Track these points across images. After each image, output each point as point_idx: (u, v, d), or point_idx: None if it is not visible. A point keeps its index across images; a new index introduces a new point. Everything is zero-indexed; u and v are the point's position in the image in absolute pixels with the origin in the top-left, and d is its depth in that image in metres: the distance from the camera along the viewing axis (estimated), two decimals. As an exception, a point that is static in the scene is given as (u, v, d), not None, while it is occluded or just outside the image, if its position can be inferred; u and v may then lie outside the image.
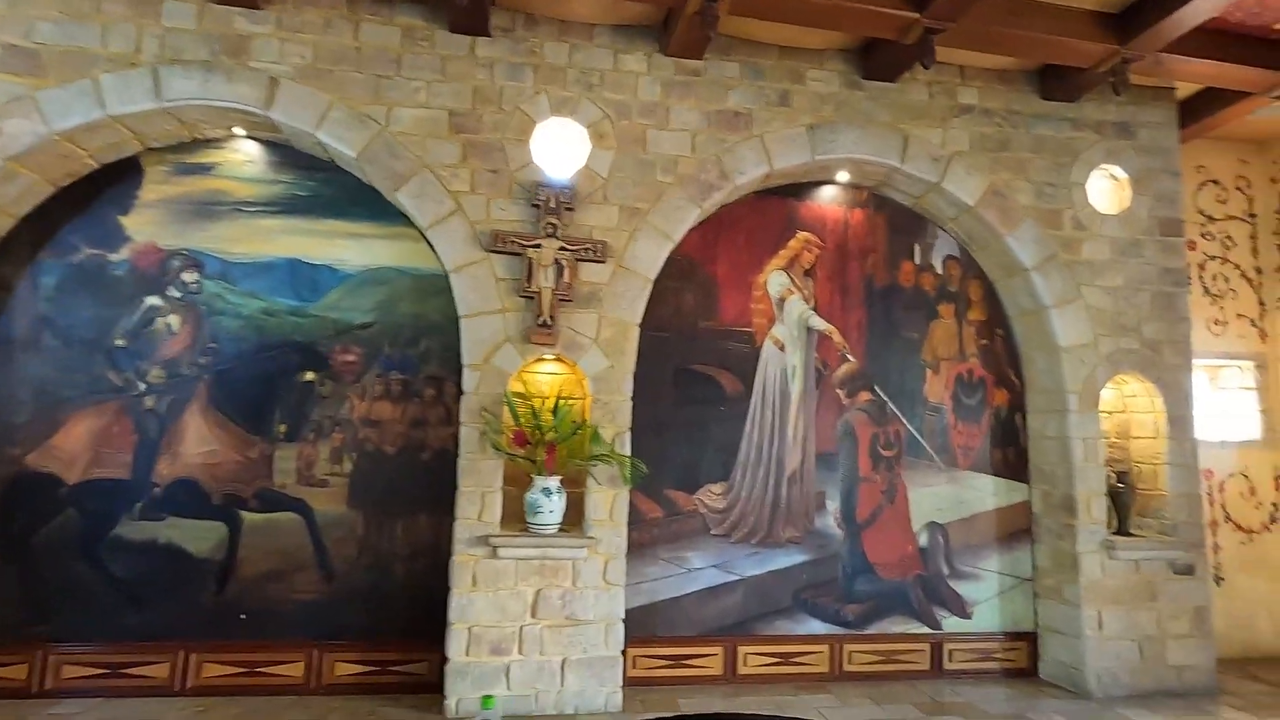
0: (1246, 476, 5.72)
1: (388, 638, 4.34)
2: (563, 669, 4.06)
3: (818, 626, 4.78)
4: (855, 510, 4.91)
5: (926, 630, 4.88)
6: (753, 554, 4.77)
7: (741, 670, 4.65)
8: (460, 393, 4.21)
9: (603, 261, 4.39)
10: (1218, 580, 5.57)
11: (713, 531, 4.75)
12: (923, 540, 4.96)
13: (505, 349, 4.24)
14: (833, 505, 4.90)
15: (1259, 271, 5.99)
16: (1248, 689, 4.77)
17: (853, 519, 4.90)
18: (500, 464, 4.16)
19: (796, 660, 4.72)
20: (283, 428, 4.40)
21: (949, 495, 5.04)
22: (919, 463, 5.05)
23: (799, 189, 5.12)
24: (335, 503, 4.40)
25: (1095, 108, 5.13)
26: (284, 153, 4.59)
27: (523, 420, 4.08)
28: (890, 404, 5.04)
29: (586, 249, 4.35)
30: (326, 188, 4.58)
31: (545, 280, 4.26)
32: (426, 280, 4.58)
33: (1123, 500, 4.91)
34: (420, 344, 4.59)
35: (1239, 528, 5.66)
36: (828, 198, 5.16)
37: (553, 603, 4.09)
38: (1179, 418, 4.94)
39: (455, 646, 3.99)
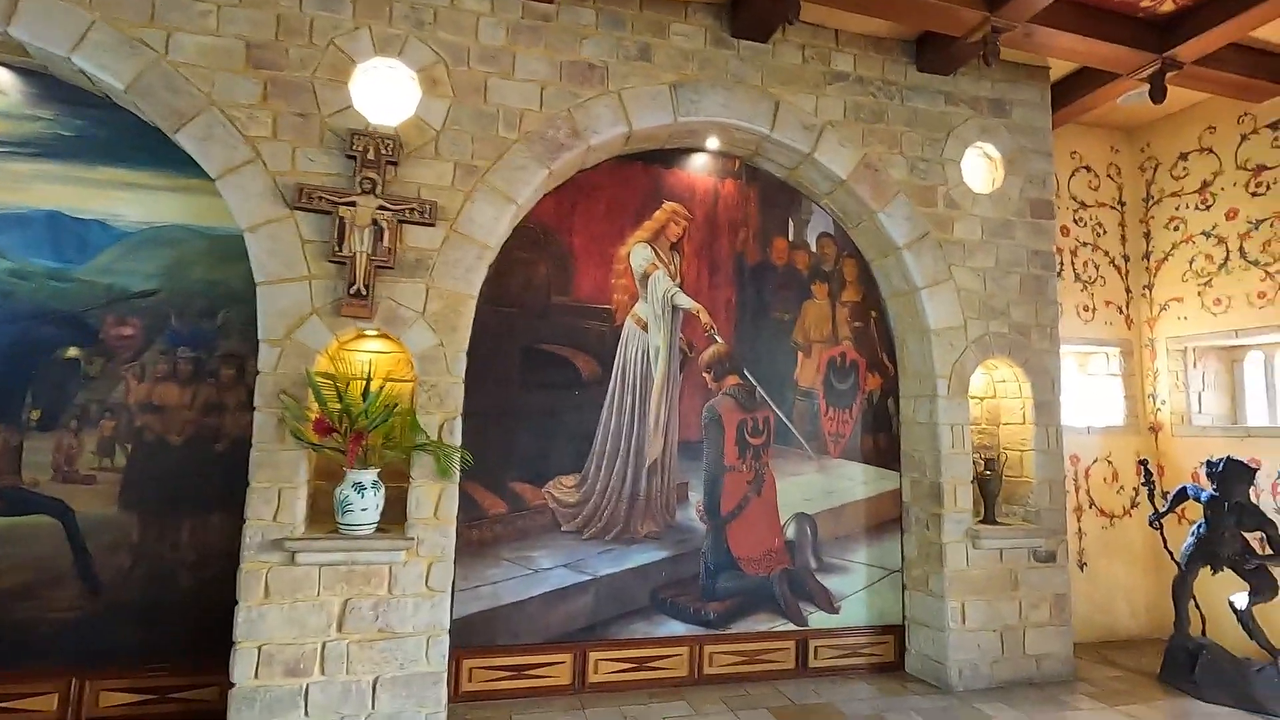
0: (1110, 463, 5.77)
1: (169, 660, 3.70)
2: (374, 689, 3.54)
3: (677, 627, 4.43)
4: (720, 502, 4.58)
5: (792, 627, 4.62)
6: (607, 551, 4.37)
7: (592, 678, 4.26)
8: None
9: (432, 225, 3.85)
10: (1081, 566, 5.60)
11: (564, 528, 4.32)
12: (790, 532, 4.70)
13: (311, 322, 3.65)
14: (696, 497, 4.56)
15: (1126, 259, 6.05)
16: (1103, 675, 4.76)
17: (717, 512, 4.57)
18: (305, 456, 3.58)
19: (653, 665, 4.36)
20: (35, 414, 3.67)
21: (818, 485, 4.79)
22: (788, 451, 4.77)
23: (666, 155, 4.73)
24: (103, 503, 3.70)
25: (970, 83, 4.97)
26: (43, 83, 3.82)
27: (328, 404, 3.52)
28: (760, 389, 4.74)
29: (412, 209, 3.80)
30: (99, 128, 3.84)
31: (360, 243, 3.68)
32: (227, 241, 3.91)
33: (990, 488, 4.80)
34: (217, 316, 3.93)
35: (1102, 513, 5.71)
36: (697, 166, 4.79)
37: (363, 614, 3.56)
38: (1045, 403, 4.87)
39: (242, 669, 3.40)
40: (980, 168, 5.03)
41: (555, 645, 4.22)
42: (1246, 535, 4.50)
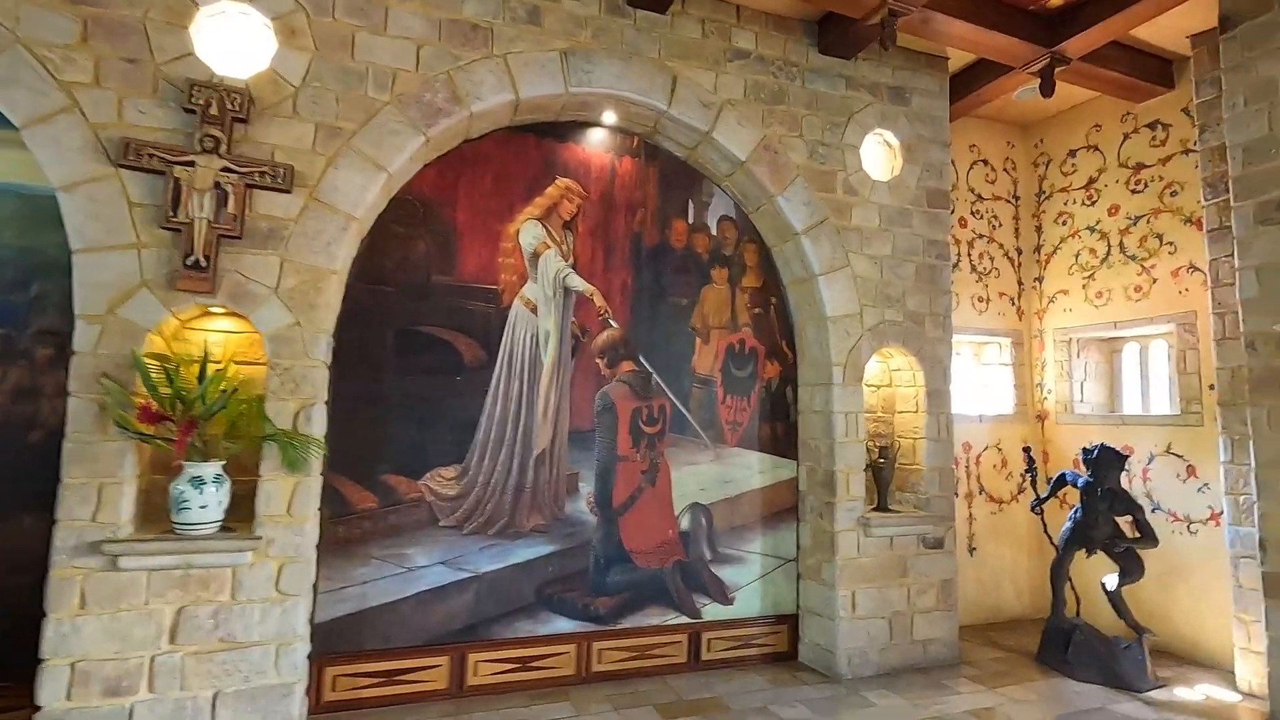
0: (1000, 450, 5.94)
1: (-32, 682, 3.25)
2: (214, 706, 3.19)
3: (565, 625, 4.24)
4: (612, 493, 4.41)
5: (685, 620, 4.51)
6: (490, 547, 4.12)
7: (471, 681, 4.02)
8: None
9: (288, 191, 3.48)
10: (971, 550, 5.74)
11: (442, 523, 4.05)
12: (685, 523, 4.58)
13: (140, 297, 3.23)
14: (586, 488, 4.36)
15: (1019, 252, 6.22)
16: (986, 657, 4.88)
17: (609, 503, 4.40)
18: (132, 448, 3.17)
19: (538, 665, 4.16)
20: None
21: (715, 474, 4.69)
22: (684, 440, 4.64)
23: (560, 129, 4.48)
24: (-117, 503, 3.20)
25: (871, 68, 4.93)
26: None
27: (158, 388, 3.12)
28: (656, 376, 4.58)
29: (264, 173, 3.42)
30: (-122, 64, 3.28)
31: (200, 209, 3.28)
32: (43, 203, 3.42)
33: (883, 476, 4.82)
34: (30, 288, 3.45)
35: (992, 499, 5.87)
36: (594, 142, 4.56)
37: (200, 623, 3.20)
38: (937, 392, 4.92)
39: (51, 689, 2.99)
40: (879, 155, 5.01)
41: (431, 648, 3.95)
42: (1118, 519, 4.68)
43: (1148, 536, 4.49)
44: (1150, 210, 5.31)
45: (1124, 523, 4.69)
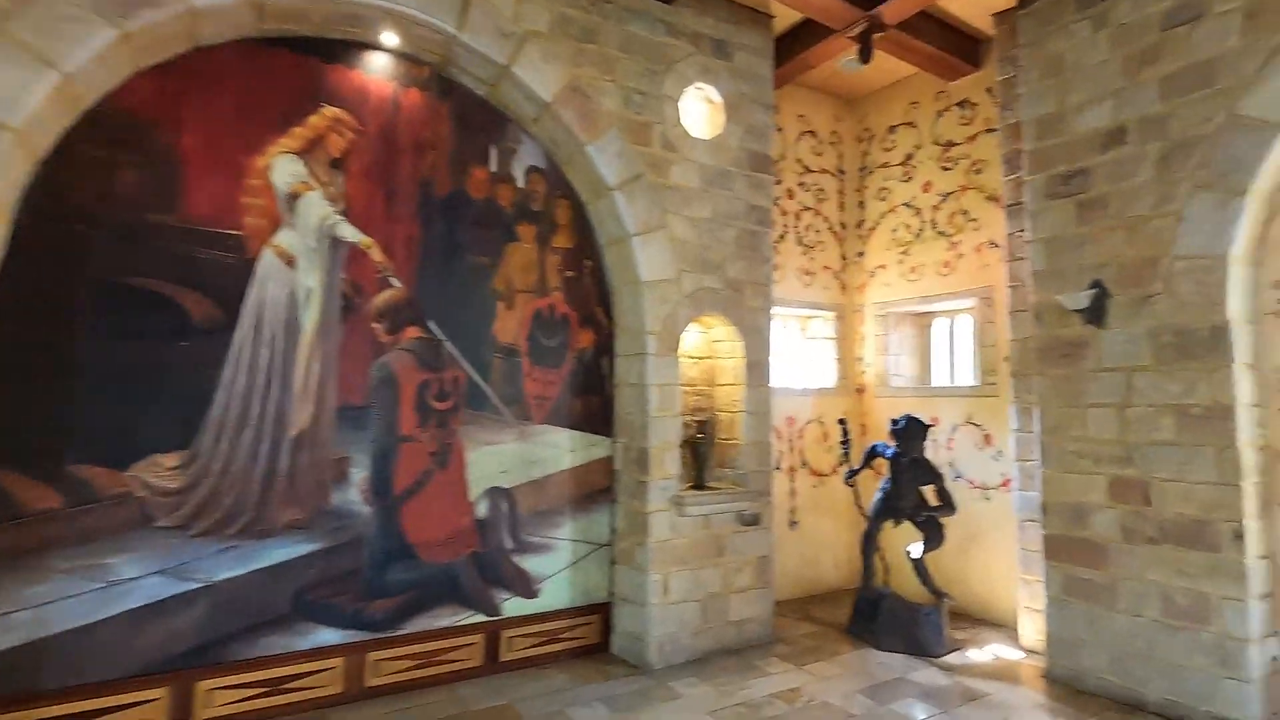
0: (823, 423, 5.96)
1: None
2: None
3: (330, 635, 3.60)
4: (393, 479, 3.81)
5: (482, 619, 4.02)
6: (229, 549, 3.39)
7: (202, 714, 3.29)
8: None
9: (-108, 80, 2.55)
10: (793, 524, 5.72)
11: (160, 522, 3.25)
12: (481, 510, 4.07)
13: None
14: (360, 474, 3.73)
15: (843, 226, 6.25)
16: (801, 633, 4.82)
17: (388, 491, 3.80)
18: None
19: (293, 686, 3.49)
20: None
21: (518, 454, 4.21)
22: (482, 417, 4.13)
23: (327, 47, 3.74)
24: None
25: (693, 17, 4.60)
26: None
27: None
28: (448, 344, 4.01)
29: None
30: None
31: None
32: None
33: (702, 452, 4.58)
34: None
35: (814, 472, 5.88)
36: (373, 68, 3.87)
37: None
38: (757, 364, 4.74)
39: None
40: (700, 111, 4.72)
41: (145, 678, 3.17)
42: (923, 488, 4.76)
43: (946, 504, 4.59)
44: (958, 187, 5.45)
45: (929, 492, 4.78)
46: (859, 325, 6.15)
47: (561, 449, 4.37)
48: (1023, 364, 4.56)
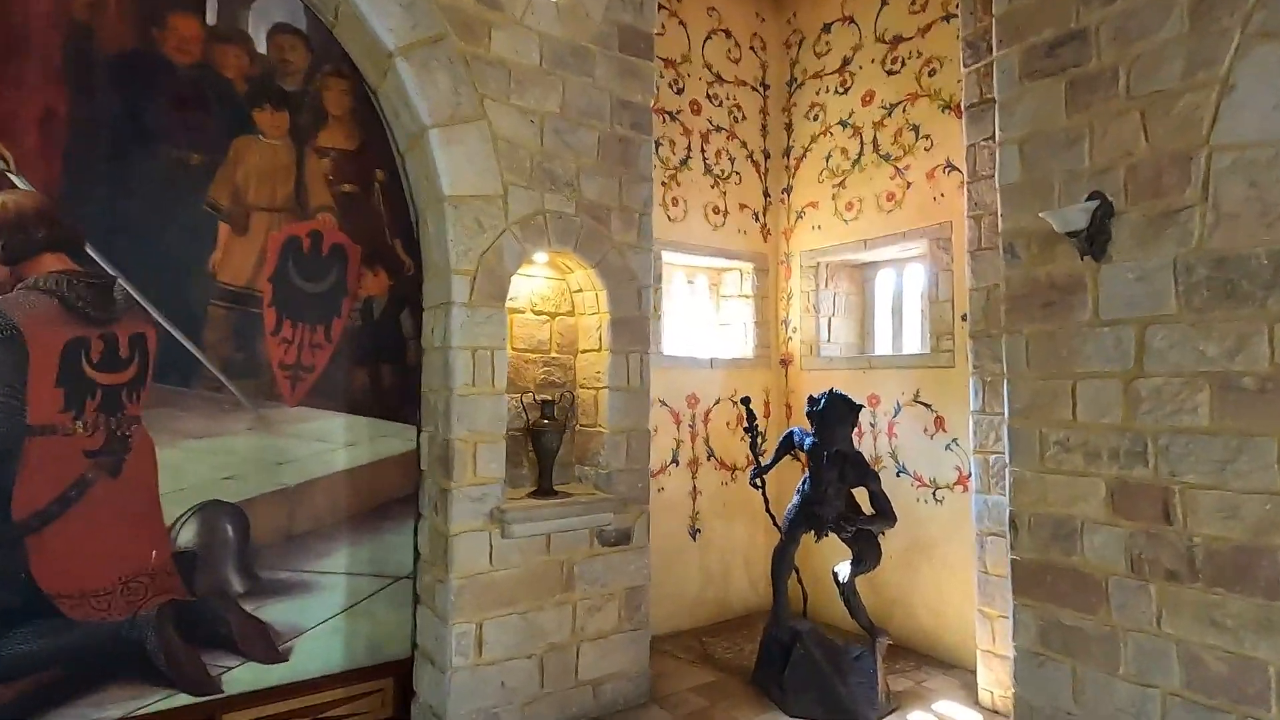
0: (735, 403, 4.71)
1: None
2: None
3: (-116, 752, 2.25)
4: (10, 494, 2.43)
5: (188, 700, 2.69)
6: None
7: None
8: None
9: None
10: (694, 532, 4.47)
11: None
12: (187, 538, 2.71)
13: None
14: (-54, 489, 2.35)
15: (766, 155, 4.96)
16: (690, 686, 3.57)
17: (5, 514, 2.42)
18: None
19: None
20: None
21: (255, 451, 2.84)
22: (189, 396, 2.74)
23: None
24: None
25: None
26: None
27: None
28: (123, 282, 2.62)
29: None
30: None
31: None
32: None
33: (546, 444, 3.27)
34: None
35: (723, 465, 4.63)
36: None
37: None
38: (627, 322, 3.43)
39: None
40: (547, -40, 3.36)
41: None
42: (854, 490, 3.55)
43: (883, 514, 3.37)
44: (907, 95, 4.19)
45: (861, 496, 3.58)
46: (784, 280, 4.90)
47: (333, 443, 3.02)
48: (987, 320, 3.35)
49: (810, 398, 3.42)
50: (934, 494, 3.96)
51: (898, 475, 4.12)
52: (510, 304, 3.33)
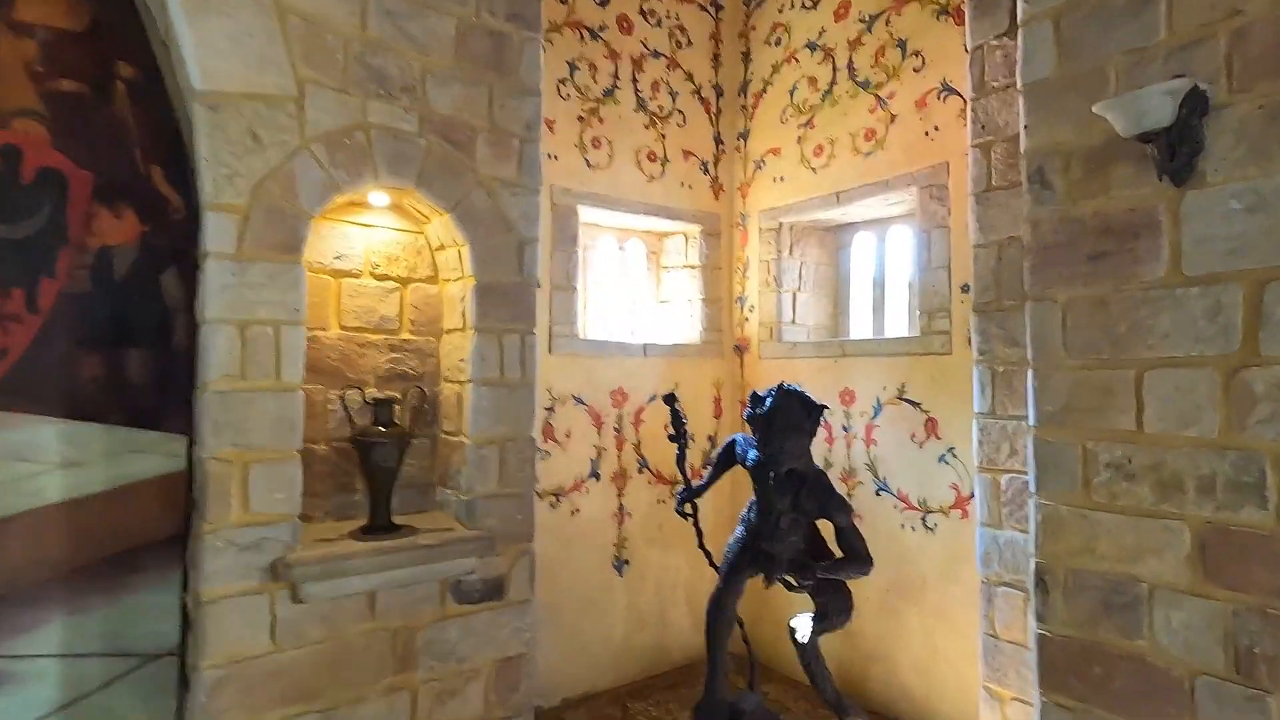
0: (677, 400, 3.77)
1: None
2: None
3: None
4: None
5: None
6: None
7: None
8: None
9: None
10: (620, 565, 3.54)
11: None
12: None
13: None
14: None
15: (719, 93, 4.00)
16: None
17: None
18: None
19: None
20: None
21: (-106, 478, 1.90)
22: None
23: None
24: None
25: None
26: None
27: None
28: None
29: None
30: None
31: None
32: None
33: (378, 461, 2.32)
34: None
35: (660, 478, 3.70)
36: None
37: None
38: (501, 290, 2.47)
39: None
40: None
41: None
42: (817, 521, 2.62)
43: (854, 558, 2.43)
44: (892, 2, 3.25)
45: (824, 529, 2.65)
46: (739, 247, 3.97)
47: (41, 463, 2.05)
48: (999, 289, 2.43)
49: (752, 395, 2.46)
50: (924, 519, 3.05)
51: (877, 494, 3.21)
52: (337, 264, 2.39)
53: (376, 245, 2.50)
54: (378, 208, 2.45)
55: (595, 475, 3.41)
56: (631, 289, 3.87)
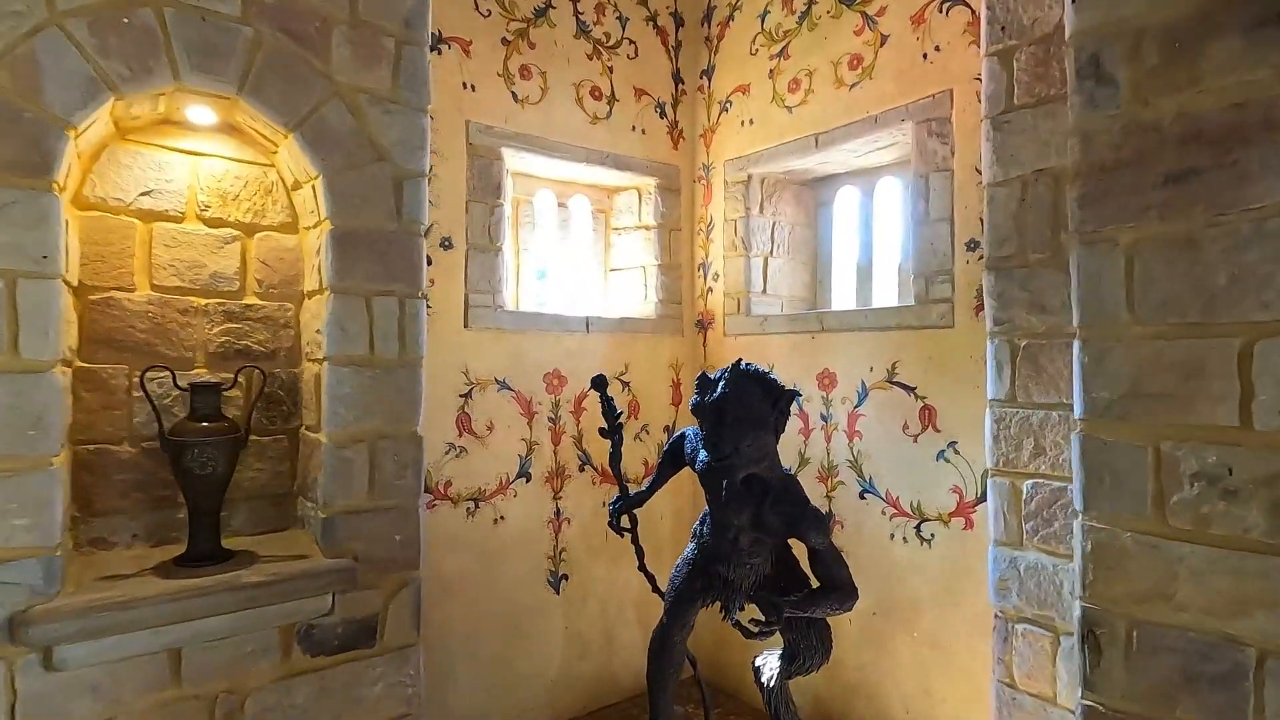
0: (628, 386, 3.21)
1: None
2: None
3: None
4: None
5: None
6: None
7: None
8: None
9: None
10: (558, 581, 2.98)
11: None
12: None
13: None
14: None
15: (679, 23, 3.39)
16: None
17: None
18: None
19: None
20: None
21: None
22: None
23: None
24: None
25: None
26: None
27: None
28: None
29: None
30: None
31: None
32: None
33: (193, 466, 1.71)
34: None
35: (606, 477, 3.12)
36: None
37: None
38: (368, 238, 1.84)
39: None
40: None
41: None
42: (780, 543, 2.07)
43: (834, 587, 1.88)
44: (884, -105, 2.66)
45: (795, 551, 2.11)
46: (702, 204, 3.38)
47: None
48: (1020, 239, 1.87)
49: (700, 378, 1.88)
50: (918, 528, 2.51)
51: (862, 496, 2.67)
52: (146, 202, 1.78)
53: (207, 180, 1.89)
54: (203, 127, 1.84)
55: (525, 475, 2.84)
56: (576, 254, 3.28)
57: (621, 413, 2.19)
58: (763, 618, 1.90)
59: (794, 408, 2.06)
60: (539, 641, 2.87)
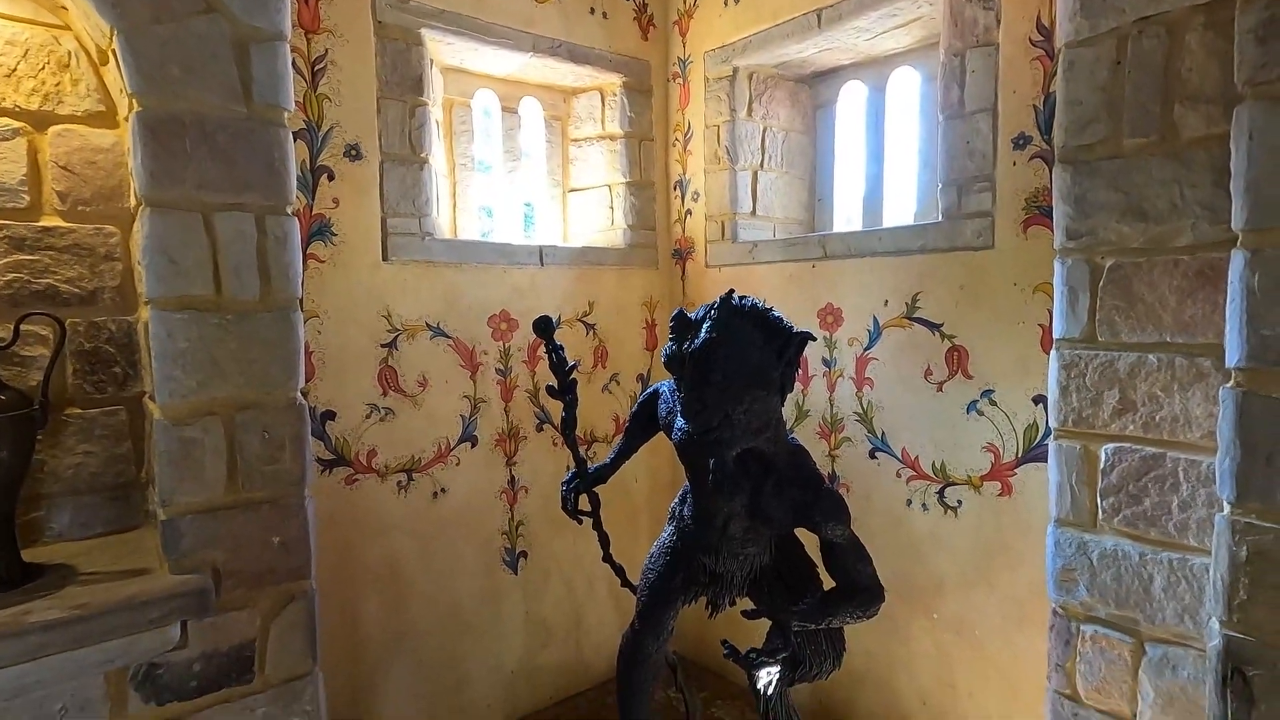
0: (594, 330, 2.72)
1: None
2: None
3: None
4: None
5: None
6: None
7: None
8: None
9: None
10: (516, 561, 2.54)
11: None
12: None
13: None
14: None
15: (646, -125, 2.75)
16: None
17: None
18: None
19: None
20: None
21: None
22: None
23: None
24: None
25: None
26: None
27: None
28: None
29: None
30: None
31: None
32: None
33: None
34: None
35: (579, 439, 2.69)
36: None
37: None
38: (187, 125, 1.28)
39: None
40: None
41: None
42: (783, 524, 1.63)
43: (856, 589, 1.45)
44: None
45: (800, 535, 1.67)
46: (678, 108, 2.82)
47: None
48: (1115, 117, 1.36)
49: (677, 317, 1.38)
50: (941, 494, 2.09)
51: (872, 455, 2.24)
52: None
53: (-33, 47, 1.31)
54: (-62, -37, 1.25)
55: (470, 439, 2.36)
56: (530, 173, 2.72)
57: (575, 364, 1.72)
58: (755, 609, 1.49)
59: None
60: (495, 631, 2.46)
